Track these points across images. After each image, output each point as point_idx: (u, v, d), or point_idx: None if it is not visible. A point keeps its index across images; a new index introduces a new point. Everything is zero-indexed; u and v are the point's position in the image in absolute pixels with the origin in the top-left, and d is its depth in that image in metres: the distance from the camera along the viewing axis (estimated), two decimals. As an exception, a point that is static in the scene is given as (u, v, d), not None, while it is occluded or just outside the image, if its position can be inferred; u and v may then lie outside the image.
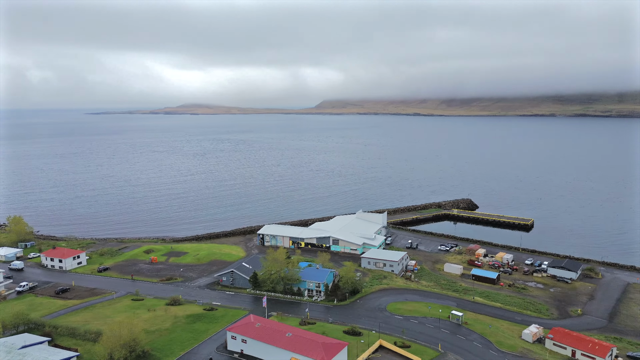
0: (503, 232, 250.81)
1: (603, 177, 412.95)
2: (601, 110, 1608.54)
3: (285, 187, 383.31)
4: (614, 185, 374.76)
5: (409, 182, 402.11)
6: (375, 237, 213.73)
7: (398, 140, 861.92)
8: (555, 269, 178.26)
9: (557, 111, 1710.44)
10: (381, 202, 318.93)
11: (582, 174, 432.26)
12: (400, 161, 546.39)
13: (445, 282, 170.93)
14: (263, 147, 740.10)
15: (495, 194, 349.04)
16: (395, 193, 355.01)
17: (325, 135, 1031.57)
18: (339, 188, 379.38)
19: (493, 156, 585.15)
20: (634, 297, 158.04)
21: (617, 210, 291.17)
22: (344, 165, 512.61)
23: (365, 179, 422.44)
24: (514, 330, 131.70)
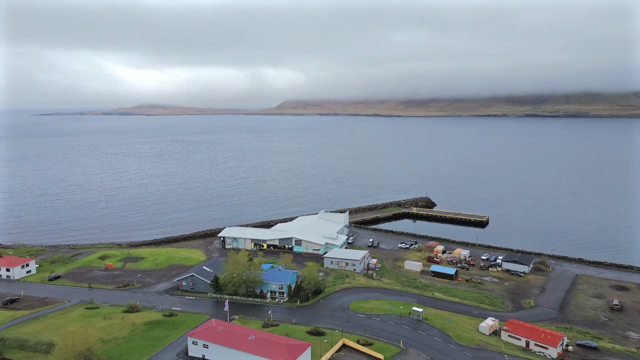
0: (460, 229, 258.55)
1: (553, 174, 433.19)
2: (549, 110, 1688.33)
3: (247, 189, 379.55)
4: (564, 181, 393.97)
5: (371, 181, 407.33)
6: (337, 237, 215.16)
7: (359, 140, 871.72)
8: (509, 263, 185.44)
9: (508, 111, 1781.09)
10: (343, 202, 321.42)
11: (534, 171, 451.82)
12: (362, 161, 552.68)
13: (405, 279, 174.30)
14: (223, 149, 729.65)
15: (452, 192, 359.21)
16: (356, 193, 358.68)
17: (287, 136, 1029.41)
18: (301, 189, 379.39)
19: (450, 155, 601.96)
20: (582, 288, 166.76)
21: (566, 206, 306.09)
22: (306, 166, 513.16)
23: (327, 179, 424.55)
24: (472, 324, 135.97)
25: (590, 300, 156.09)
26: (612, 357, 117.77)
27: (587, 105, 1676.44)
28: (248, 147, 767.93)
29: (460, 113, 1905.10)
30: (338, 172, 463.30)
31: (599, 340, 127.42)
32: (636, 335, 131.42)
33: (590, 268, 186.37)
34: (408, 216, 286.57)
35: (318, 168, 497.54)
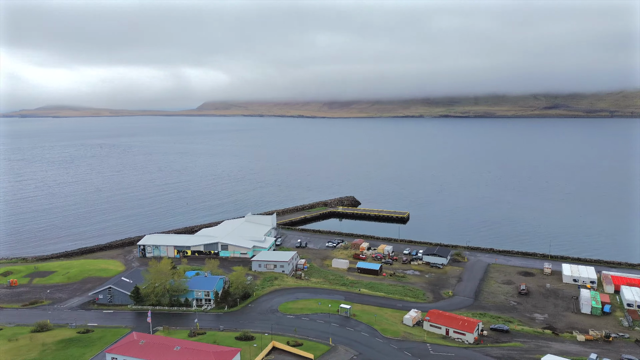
0: (383, 226, 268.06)
1: (466, 170, 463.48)
2: (461, 111, 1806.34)
3: (169, 194, 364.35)
4: (476, 177, 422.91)
5: (298, 182, 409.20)
6: (265, 239, 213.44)
7: (285, 141, 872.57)
8: (428, 256, 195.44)
9: (425, 112, 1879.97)
10: (271, 204, 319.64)
11: (450, 169, 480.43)
12: (290, 162, 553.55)
13: (333, 277, 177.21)
14: (142, 152, 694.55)
15: (375, 190, 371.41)
16: (284, 194, 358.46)
17: (211, 137, 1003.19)
18: (227, 192, 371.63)
19: (372, 155, 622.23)
20: (494, 275, 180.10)
21: (478, 200, 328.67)
22: (232, 169, 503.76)
23: (254, 181, 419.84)
24: (397, 317, 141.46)
25: (501, 286, 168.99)
26: (521, 338, 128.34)
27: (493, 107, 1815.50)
28: (169, 150, 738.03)
29: (381, 114, 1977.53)
30: (265, 174, 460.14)
31: (509, 323, 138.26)
32: (541, 317, 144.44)
33: (500, 257, 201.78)
34: (334, 215, 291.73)
35: (244, 170, 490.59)
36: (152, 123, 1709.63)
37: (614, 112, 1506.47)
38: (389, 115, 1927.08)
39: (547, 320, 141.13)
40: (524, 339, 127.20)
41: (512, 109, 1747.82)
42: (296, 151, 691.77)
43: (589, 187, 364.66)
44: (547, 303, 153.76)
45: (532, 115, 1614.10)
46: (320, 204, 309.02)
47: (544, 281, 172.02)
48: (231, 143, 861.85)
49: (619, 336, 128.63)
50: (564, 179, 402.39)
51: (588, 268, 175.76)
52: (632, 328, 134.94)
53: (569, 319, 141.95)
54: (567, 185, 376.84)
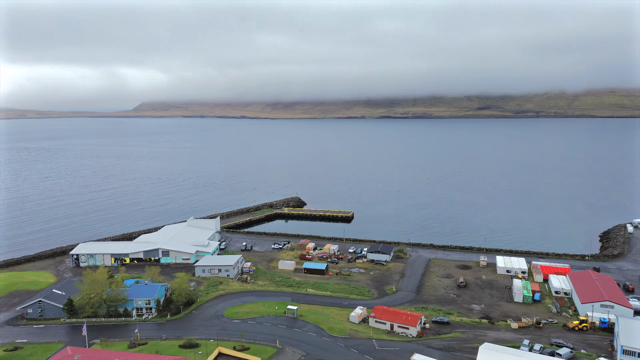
0: (329, 225, 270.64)
1: (407, 169, 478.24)
2: (401, 112, 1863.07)
3: (105, 199, 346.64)
4: (416, 176, 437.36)
5: (243, 184, 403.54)
6: (209, 244, 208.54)
7: (229, 143, 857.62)
8: (373, 253, 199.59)
9: (366, 113, 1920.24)
10: (215, 207, 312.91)
11: (391, 168, 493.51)
12: (233, 164, 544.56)
13: (280, 279, 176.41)
14: (73, 156, 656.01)
15: (321, 190, 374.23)
16: (229, 197, 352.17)
17: (149, 139, 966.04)
18: (168, 196, 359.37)
19: (316, 156, 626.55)
20: (434, 270, 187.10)
21: (419, 197, 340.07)
22: (173, 172, 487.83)
23: (197, 184, 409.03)
24: (343, 315, 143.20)
25: (441, 280, 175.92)
26: (461, 329, 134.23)
27: (431, 108, 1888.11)
28: (103, 153, 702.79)
29: (324, 115, 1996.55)
30: (208, 177, 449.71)
31: (449, 315, 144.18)
32: (478, 307, 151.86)
33: (440, 252, 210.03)
34: (280, 217, 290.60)
35: (186, 173, 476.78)
36: (85, 125, 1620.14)
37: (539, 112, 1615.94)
38: (332, 116, 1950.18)
39: (483, 311, 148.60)
40: (463, 330, 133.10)
41: (448, 109, 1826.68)
42: (240, 153, 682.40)
43: (518, 183, 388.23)
44: (484, 294, 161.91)
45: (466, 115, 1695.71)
46: (265, 205, 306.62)
47: (480, 273, 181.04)
48: (171, 145, 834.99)
49: (548, 322, 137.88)
50: (497, 176, 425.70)
51: (519, 259, 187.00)
52: (559, 314, 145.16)
53: (503, 308, 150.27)
54: (499, 181, 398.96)
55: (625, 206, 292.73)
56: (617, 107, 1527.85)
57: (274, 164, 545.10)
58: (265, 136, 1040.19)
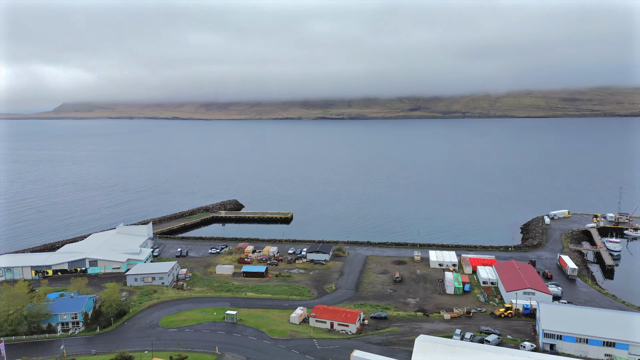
0: (268, 227, 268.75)
1: (344, 169, 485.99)
2: (336, 113, 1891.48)
3: (24, 209, 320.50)
4: (354, 175, 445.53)
5: (176, 188, 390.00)
6: (141, 251, 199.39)
7: (160, 145, 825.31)
8: (312, 253, 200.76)
9: (303, 115, 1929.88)
10: (146, 213, 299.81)
11: (328, 168, 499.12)
12: (165, 167, 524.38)
13: (218, 284, 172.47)
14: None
15: (259, 192, 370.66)
16: (160, 201, 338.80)
17: (72, 143, 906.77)
18: (95, 202, 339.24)
19: (253, 157, 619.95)
20: (371, 267, 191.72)
21: (355, 196, 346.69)
22: (100, 177, 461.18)
23: (125, 189, 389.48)
24: (284, 317, 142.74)
25: (378, 276, 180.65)
26: (398, 323, 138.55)
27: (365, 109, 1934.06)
28: (20, 157, 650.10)
29: (260, 116, 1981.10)
30: (138, 181, 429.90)
31: (387, 310, 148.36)
32: (414, 301, 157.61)
33: (377, 249, 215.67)
34: (217, 220, 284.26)
35: (114, 178, 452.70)
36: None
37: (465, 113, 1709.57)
38: (269, 117, 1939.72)
39: (418, 304, 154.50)
40: (400, 323, 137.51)
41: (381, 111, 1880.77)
42: (173, 155, 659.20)
43: (447, 180, 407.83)
44: (418, 288, 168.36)
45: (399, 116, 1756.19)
46: (201, 209, 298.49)
47: (415, 268, 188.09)
48: (98, 148, 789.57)
49: (477, 311, 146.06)
50: (428, 174, 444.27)
51: (450, 253, 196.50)
52: (487, 303, 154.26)
53: (436, 300, 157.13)
54: (431, 179, 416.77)
55: (543, 199, 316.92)
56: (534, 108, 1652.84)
57: (209, 166, 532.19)
58: (200, 138, 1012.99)
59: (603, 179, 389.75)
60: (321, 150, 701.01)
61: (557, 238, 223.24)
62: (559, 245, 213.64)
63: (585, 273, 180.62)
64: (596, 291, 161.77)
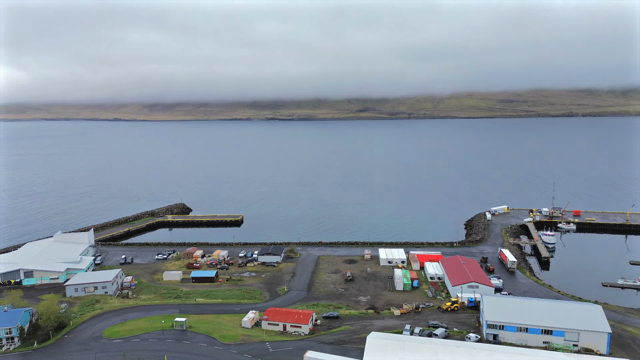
0: (217, 231, 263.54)
1: (296, 170, 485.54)
2: (286, 114, 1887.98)
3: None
4: (305, 176, 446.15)
5: (118, 192, 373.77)
6: (81, 260, 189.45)
7: (100, 147, 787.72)
8: (263, 256, 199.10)
9: (252, 115, 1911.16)
10: (86, 219, 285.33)
11: (279, 169, 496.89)
12: (106, 171, 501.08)
13: (165, 291, 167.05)
14: None
15: (207, 195, 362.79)
16: (102, 207, 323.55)
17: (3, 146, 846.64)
18: (30, 210, 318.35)
19: (201, 159, 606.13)
20: (323, 267, 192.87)
21: (307, 197, 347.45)
22: (35, 183, 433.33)
23: (63, 195, 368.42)
24: (235, 321, 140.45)
25: (330, 276, 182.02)
26: (349, 321, 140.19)
27: (315, 110, 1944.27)
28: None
29: (208, 117, 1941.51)
30: (78, 186, 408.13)
31: (339, 309, 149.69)
32: (365, 299, 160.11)
33: (328, 249, 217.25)
34: (164, 225, 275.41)
35: (51, 183, 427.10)
36: None
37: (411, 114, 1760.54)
38: (217, 117, 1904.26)
39: (369, 301, 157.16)
40: (351, 322, 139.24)
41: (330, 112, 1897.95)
42: (115, 158, 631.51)
43: (395, 179, 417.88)
44: (369, 285, 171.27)
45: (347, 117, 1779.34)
46: (146, 214, 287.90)
47: (365, 266, 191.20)
48: (33, 152, 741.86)
49: (426, 306, 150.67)
50: (377, 173, 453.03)
51: (399, 250, 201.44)
52: (435, 297, 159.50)
53: (386, 297, 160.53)
54: (380, 178, 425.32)
55: (484, 196, 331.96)
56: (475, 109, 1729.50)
57: (155, 169, 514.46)
58: (144, 139, 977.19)
59: (538, 176, 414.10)
60: (272, 151, 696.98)
61: (498, 233, 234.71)
62: (499, 239, 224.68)
63: (524, 265, 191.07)
64: (534, 282, 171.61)
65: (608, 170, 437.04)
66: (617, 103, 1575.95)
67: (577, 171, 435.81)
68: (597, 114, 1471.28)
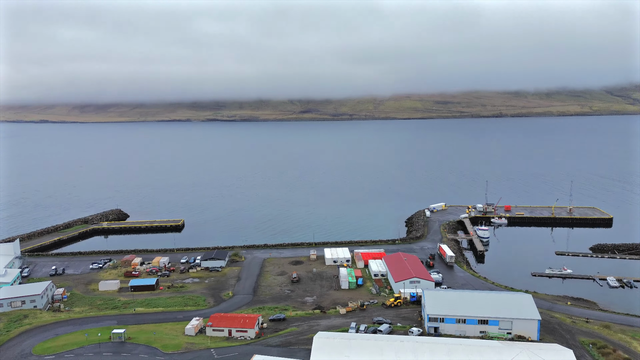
0: (157, 237, 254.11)
1: (239, 172, 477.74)
2: (228, 115, 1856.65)
3: None
4: (249, 178, 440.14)
5: (49, 200, 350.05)
6: (6, 272, 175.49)
7: (25, 152, 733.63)
8: (207, 261, 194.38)
9: (192, 116, 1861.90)
10: (11, 229, 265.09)
11: (222, 171, 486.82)
12: (32, 176, 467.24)
13: (102, 302, 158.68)
14: None
15: (146, 200, 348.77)
16: (29, 215, 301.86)
17: None
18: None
19: (139, 163, 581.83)
20: (269, 269, 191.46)
21: (251, 199, 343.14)
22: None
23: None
24: (178, 329, 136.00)
25: (276, 278, 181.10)
26: (296, 322, 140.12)
27: (257, 111, 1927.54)
28: None
29: (145, 118, 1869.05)
30: (1, 195, 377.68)
31: (285, 311, 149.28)
32: (311, 299, 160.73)
33: (274, 251, 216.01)
34: (98, 233, 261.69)
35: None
36: None
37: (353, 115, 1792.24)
38: (154, 119, 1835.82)
39: (316, 301, 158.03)
40: (298, 323, 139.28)
41: (273, 113, 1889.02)
42: (42, 163, 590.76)
43: (338, 180, 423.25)
44: (315, 285, 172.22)
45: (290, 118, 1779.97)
46: (78, 221, 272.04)
47: (311, 266, 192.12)
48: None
49: (370, 303, 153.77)
50: (321, 174, 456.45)
51: (344, 249, 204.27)
52: (379, 294, 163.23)
53: (332, 296, 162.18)
54: (323, 179, 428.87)
55: (423, 194, 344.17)
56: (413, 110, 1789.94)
57: (87, 174, 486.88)
58: (75, 142, 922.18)
59: (473, 173, 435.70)
60: (213, 152, 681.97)
61: (437, 229, 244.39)
62: (438, 235, 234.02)
63: (461, 259, 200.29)
64: (471, 275, 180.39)
65: (534, 166, 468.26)
66: (542, 104, 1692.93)
67: (507, 168, 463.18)
68: (524, 114, 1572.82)
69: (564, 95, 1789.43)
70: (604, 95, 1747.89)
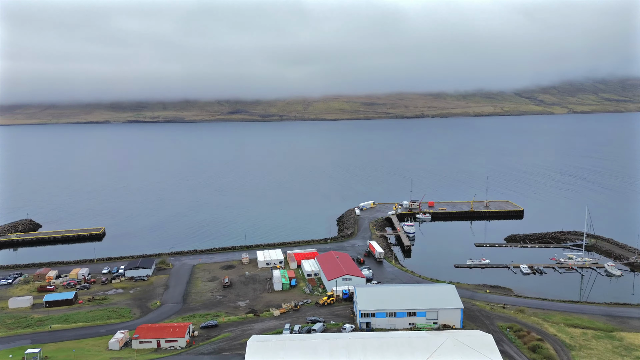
0: (75, 247, 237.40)
1: (162, 177, 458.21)
2: (150, 116, 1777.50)
3: None
4: (174, 182, 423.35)
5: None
6: None
7: None
8: (131, 270, 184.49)
9: (111, 118, 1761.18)
10: None
11: (144, 176, 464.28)
12: None
13: (12, 321, 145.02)
14: None
15: (60, 208, 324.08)
16: None
17: None
18: None
19: (50, 169, 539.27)
20: (199, 275, 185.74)
21: (178, 204, 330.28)
22: None
23: None
24: (101, 344, 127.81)
25: (207, 284, 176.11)
26: (229, 328, 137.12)
27: (182, 112, 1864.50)
28: None
29: (57, 120, 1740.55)
30: None
31: (217, 317, 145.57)
32: (244, 303, 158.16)
33: (204, 256, 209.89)
34: (6, 245, 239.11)
35: None
36: None
37: (283, 116, 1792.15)
38: (68, 121, 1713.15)
39: (249, 305, 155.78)
40: (231, 328, 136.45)
41: (200, 113, 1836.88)
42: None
43: (268, 181, 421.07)
44: (248, 289, 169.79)
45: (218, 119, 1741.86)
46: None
47: (243, 270, 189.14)
48: None
49: (304, 303, 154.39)
50: (252, 175, 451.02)
51: (277, 251, 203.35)
52: (312, 293, 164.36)
53: (266, 299, 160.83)
54: (254, 180, 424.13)
55: (353, 193, 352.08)
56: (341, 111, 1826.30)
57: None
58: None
59: (399, 171, 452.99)
60: (135, 156, 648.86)
61: (366, 226, 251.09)
62: (368, 232, 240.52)
63: (390, 255, 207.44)
64: (399, 269, 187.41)
65: (454, 164, 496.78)
66: (460, 105, 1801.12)
67: (429, 166, 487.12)
68: (444, 115, 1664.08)
69: (479, 97, 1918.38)
70: (514, 97, 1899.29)
